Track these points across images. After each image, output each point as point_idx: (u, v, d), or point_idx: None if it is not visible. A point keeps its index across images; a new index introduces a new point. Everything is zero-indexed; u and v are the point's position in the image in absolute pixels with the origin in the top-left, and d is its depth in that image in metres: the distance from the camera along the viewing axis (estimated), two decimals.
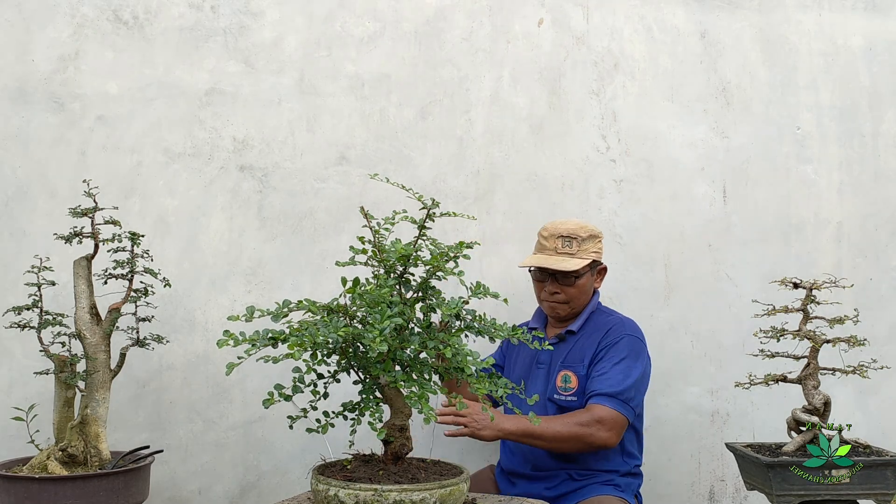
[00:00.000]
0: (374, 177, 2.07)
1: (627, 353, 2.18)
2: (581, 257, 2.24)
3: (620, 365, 2.15)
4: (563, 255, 2.23)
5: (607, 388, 2.11)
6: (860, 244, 2.82)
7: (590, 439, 2.07)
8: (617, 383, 2.11)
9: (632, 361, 2.17)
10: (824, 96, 2.85)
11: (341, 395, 1.81)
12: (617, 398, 2.10)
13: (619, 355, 2.17)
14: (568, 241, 2.24)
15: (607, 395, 2.10)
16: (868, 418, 2.73)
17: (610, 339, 2.21)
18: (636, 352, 2.20)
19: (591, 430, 2.06)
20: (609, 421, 2.07)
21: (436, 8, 2.75)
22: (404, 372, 1.63)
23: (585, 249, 2.26)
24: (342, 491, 1.51)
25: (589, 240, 2.26)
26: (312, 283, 2.62)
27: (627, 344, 2.20)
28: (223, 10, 2.66)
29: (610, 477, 2.20)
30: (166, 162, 2.60)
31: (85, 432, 2.04)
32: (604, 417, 2.07)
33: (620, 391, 2.10)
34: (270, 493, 2.54)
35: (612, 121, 2.79)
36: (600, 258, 2.32)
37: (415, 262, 1.66)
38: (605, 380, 2.13)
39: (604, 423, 2.07)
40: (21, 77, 2.55)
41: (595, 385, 2.14)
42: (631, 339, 2.21)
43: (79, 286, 2.07)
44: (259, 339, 1.46)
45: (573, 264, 2.21)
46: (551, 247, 2.26)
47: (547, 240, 2.28)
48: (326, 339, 1.46)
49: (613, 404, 2.09)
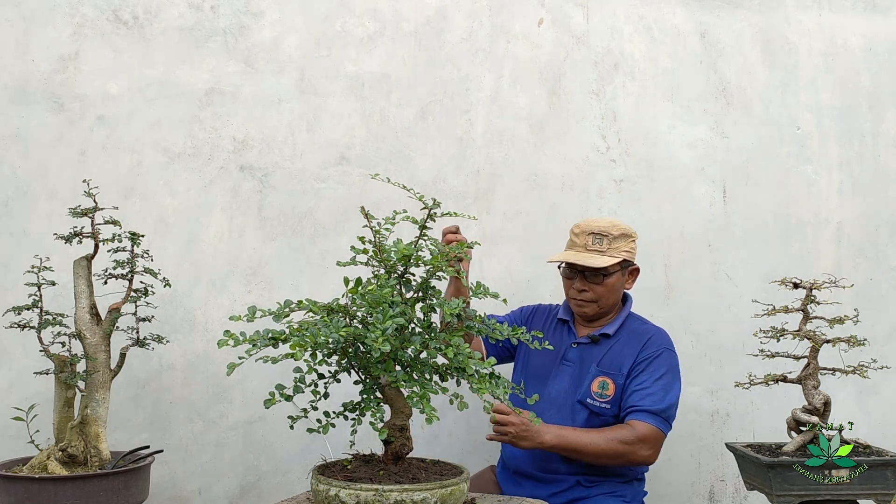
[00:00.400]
0: (376, 177, 2.07)
1: (667, 368, 2.16)
2: (611, 255, 2.18)
3: (661, 381, 2.13)
4: (593, 252, 2.18)
5: (650, 406, 2.09)
6: (860, 244, 2.82)
7: (632, 457, 2.06)
8: (659, 400, 2.10)
9: (672, 378, 2.16)
10: (824, 96, 2.85)
11: (342, 395, 1.81)
12: (660, 416, 2.08)
13: (659, 370, 2.15)
14: (598, 239, 2.19)
15: (651, 412, 2.08)
16: (868, 418, 2.73)
17: (650, 352, 2.18)
18: (675, 368, 2.19)
19: (634, 448, 2.05)
20: (652, 439, 2.07)
21: (436, 8, 2.75)
22: (405, 372, 1.63)
23: (616, 248, 2.20)
24: (343, 491, 1.51)
25: (620, 238, 2.21)
26: (312, 283, 2.62)
27: (667, 359, 2.18)
28: (223, 11, 2.66)
29: (615, 487, 2.18)
30: (166, 162, 2.60)
31: (85, 432, 2.04)
32: (648, 436, 2.06)
33: (663, 409, 2.09)
34: (270, 493, 2.54)
35: (612, 121, 2.79)
36: (633, 259, 2.26)
37: (416, 262, 1.66)
38: (648, 396, 2.10)
39: (647, 441, 2.06)
40: (21, 77, 2.55)
41: (637, 400, 2.11)
42: (670, 354, 2.20)
43: (79, 286, 2.07)
44: (259, 339, 1.46)
45: (602, 261, 2.16)
46: (581, 243, 2.21)
47: (578, 237, 2.23)
48: (327, 339, 1.46)
49: (656, 422, 2.07)
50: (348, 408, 1.67)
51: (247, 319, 1.54)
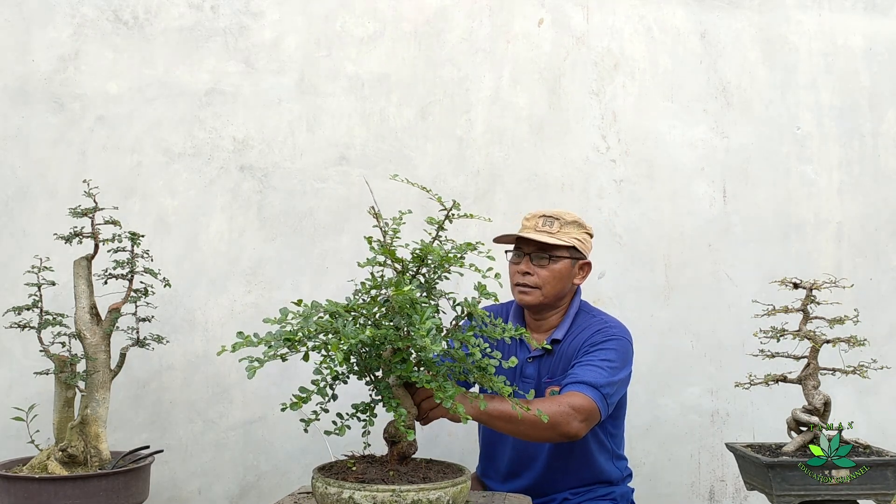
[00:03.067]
0: (395, 177, 2.03)
1: (617, 356, 2.03)
2: (560, 238, 2.08)
3: (608, 363, 2.00)
4: (543, 232, 2.08)
5: (591, 378, 1.94)
6: (860, 244, 2.81)
7: (563, 428, 1.85)
8: (601, 377, 1.95)
9: (620, 364, 2.03)
10: (824, 96, 2.85)
11: (349, 397, 1.80)
12: (598, 390, 1.93)
13: (608, 355, 2.02)
14: (549, 221, 2.10)
15: (589, 384, 1.92)
16: (868, 418, 2.73)
17: (599, 338, 2.06)
18: (625, 356, 2.06)
19: (567, 418, 1.84)
20: (586, 411, 1.88)
21: (436, 8, 2.75)
22: (428, 372, 1.63)
23: (567, 233, 2.10)
24: (357, 493, 1.49)
25: (573, 225, 2.11)
26: (312, 283, 2.62)
27: (618, 346, 2.06)
28: (223, 11, 2.66)
29: (608, 490, 2.16)
30: (166, 162, 2.60)
31: (85, 432, 2.04)
32: (582, 406, 1.87)
33: (603, 384, 1.94)
34: (270, 493, 2.54)
35: (612, 121, 2.79)
36: (585, 252, 2.15)
37: (441, 262, 1.64)
38: (590, 370, 1.96)
39: (580, 412, 1.87)
40: (21, 77, 2.55)
41: (577, 371, 1.97)
42: (622, 342, 2.08)
43: (79, 286, 2.07)
44: (273, 340, 1.44)
45: (549, 240, 2.06)
46: (531, 225, 2.11)
47: (528, 220, 2.13)
48: (358, 339, 1.45)
49: (593, 395, 1.91)
50: (359, 409, 1.66)
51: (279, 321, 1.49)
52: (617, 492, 2.19)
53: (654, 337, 2.71)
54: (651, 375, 2.70)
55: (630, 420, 2.40)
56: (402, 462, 1.70)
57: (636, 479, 2.37)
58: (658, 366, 2.71)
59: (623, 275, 2.74)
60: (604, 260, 2.72)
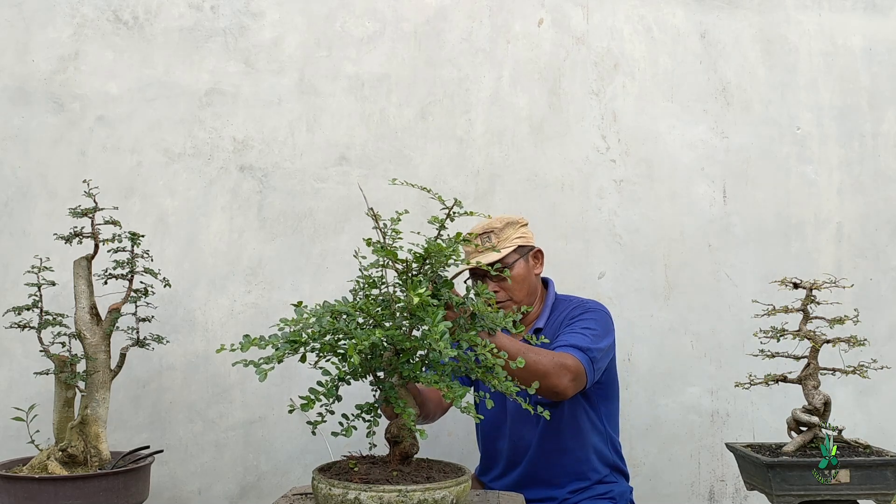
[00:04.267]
0: (394, 182, 2.04)
1: (597, 325, 2.12)
2: (504, 246, 2.16)
3: (590, 331, 2.08)
4: (486, 251, 2.13)
5: (577, 342, 2.03)
6: (860, 244, 2.81)
7: (555, 380, 1.93)
8: (586, 341, 2.04)
9: (602, 333, 2.11)
10: (824, 96, 2.85)
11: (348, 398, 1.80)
12: (585, 353, 2.01)
13: (588, 324, 2.11)
14: (486, 237, 2.18)
15: (576, 346, 2.02)
16: (868, 418, 2.73)
17: (578, 311, 2.16)
18: (606, 326, 2.14)
19: (560, 373, 1.93)
20: (573, 370, 1.96)
21: (436, 8, 2.75)
22: (434, 373, 1.63)
23: (506, 238, 2.18)
24: (364, 494, 1.48)
25: (507, 228, 2.19)
26: (312, 283, 2.62)
27: (597, 317, 2.14)
28: (223, 11, 2.66)
29: (607, 489, 2.17)
30: (166, 162, 2.60)
31: (85, 432, 2.04)
32: (571, 365, 1.96)
33: (589, 348, 2.03)
34: (270, 493, 2.54)
35: (612, 121, 2.79)
36: (529, 243, 2.22)
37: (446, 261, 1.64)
38: (575, 336, 2.06)
39: (570, 370, 1.96)
40: (21, 77, 2.55)
41: (564, 337, 2.06)
42: (601, 314, 2.16)
43: (79, 286, 2.07)
44: (280, 342, 1.44)
45: (494, 255, 2.12)
46: (472, 249, 2.16)
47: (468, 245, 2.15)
48: (370, 341, 1.45)
49: (581, 356, 2.00)
50: (364, 409, 1.66)
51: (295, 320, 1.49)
52: (616, 490, 2.19)
53: (654, 337, 2.72)
54: (651, 375, 2.70)
55: (630, 420, 2.41)
56: (404, 462, 1.70)
57: (636, 479, 2.37)
58: (658, 366, 2.71)
59: (623, 275, 2.74)
60: (604, 260, 2.72)
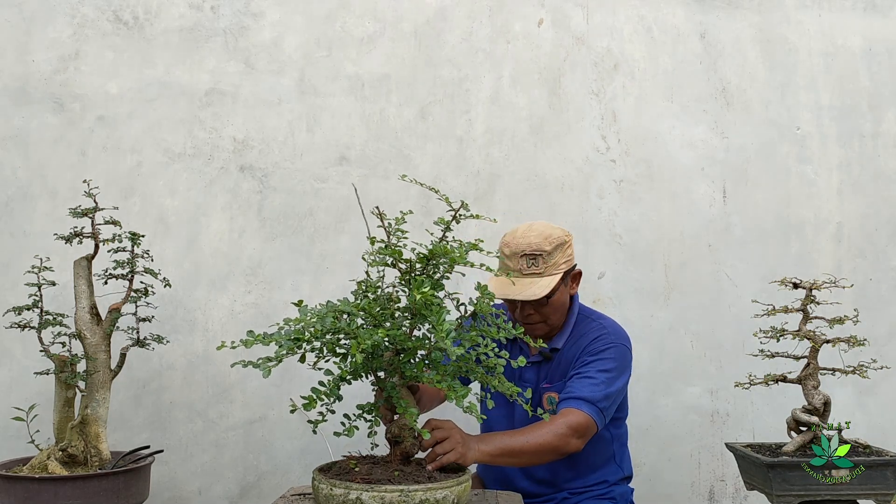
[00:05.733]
0: (404, 178, 2.03)
1: (615, 364, 2.05)
2: (551, 273, 2.01)
3: (607, 373, 2.02)
4: (530, 275, 2.01)
5: (588, 394, 1.97)
6: (860, 244, 2.82)
7: (564, 449, 1.92)
8: (599, 390, 1.98)
9: (618, 373, 2.05)
10: (824, 96, 2.85)
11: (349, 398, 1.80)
12: (596, 405, 1.97)
13: (606, 365, 2.04)
14: (533, 260, 2.00)
15: (587, 400, 1.96)
16: (868, 418, 2.73)
17: (598, 346, 2.07)
18: (624, 364, 2.08)
19: (567, 440, 1.91)
20: (583, 429, 1.94)
21: (436, 8, 2.75)
22: (438, 373, 1.63)
23: (554, 264, 2.02)
24: (365, 494, 1.48)
25: (556, 251, 2.03)
26: (312, 283, 2.62)
27: (616, 354, 2.07)
28: (223, 11, 2.66)
29: (604, 491, 2.16)
30: (166, 162, 2.60)
31: (85, 432, 2.04)
32: (580, 425, 1.93)
33: (599, 399, 1.98)
34: (270, 493, 2.54)
35: (612, 121, 2.79)
36: (572, 264, 2.10)
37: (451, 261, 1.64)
38: (589, 384, 1.99)
39: (578, 430, 1.93)
40: (21, 77, 2.55)
41: (576, 387, 2.00)
42: (621, 350, 2.09)
43: (79, 286, 2.08)
44: (283, 340, 1.44)
45: (542, 287, 1.99)
46: (515, 267, 2.02)
47: (510, 258, 2.03)
48: (373, 340, 1.45)
49: (591, 411, 1.96)
50: (365, 409, 1.66)
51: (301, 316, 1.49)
52: (616, 491, 2.19)
53: (654, 337, 2.72)
54: (651, 375, 2.70)
55: (630, 420, 2.39)
56: (405, 462, 1.70)
57: (636, 479, 2.37)
58: (658, 366, 2.71)
59: (623, 275, 2.74)
60: (604, 260, 2.72)
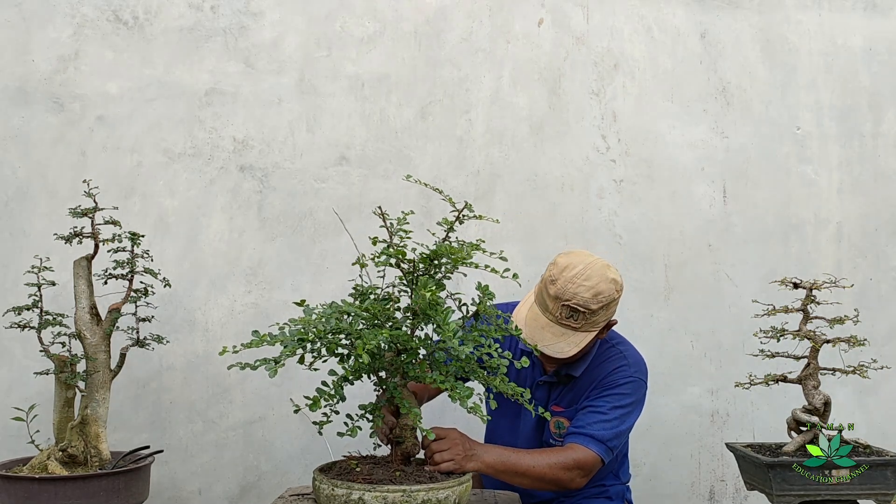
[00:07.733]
0: (408, 178, 2.02)
1: (631, 400, 2.02)
2: (587, 331, 1.92)
3: (620, 410, 2.00)
4: (565, 326, 1.91)
5: (598, 432, 1.95)
6: (860, 244, 2.81)
7: (567, 485, 1.92)
8: (610, 428, 1.96)
9: (632, 409, 2.03)
10: (824, 96, 2.85)
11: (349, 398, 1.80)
12: (605, 444, 1.95)
13: (620, 401, 2.01)
14: (573, 313, 1.89)
15: (597, 439, 1.94)
16: (868, 418, 2.73)
17: (617, 378, 2.03)
18: (638, 399, 2.06)
19: (571, 475, 1.90)
20: (589, 466, 1.93)
21: (436, 8, 2.75)
22: (441, 373, 1.63)
23: (594, 322, 1.92)
24: (368, 494, 1.48)
25: (601, 310, 1.91)
26: (312, 283, 2.62)
27: (633, 389, 2.04)
28: (223, 11, 2.66)
29: (602, 490, 2.16)
30: (166, 162, 2.60)
31: (85, 432, 2.04)
32: (586, 463, 1.92)
33: (610, 438, 1.96)
34: (270, 493, 2.54)
35: (612, 121, 2.79)
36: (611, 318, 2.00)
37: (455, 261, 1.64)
38: (601, 421, 1.97)
39: (584, 468, 1.92)
40: (21, 77, 2.55)
41: (587, 422, 1.97)
42: (638, 384, 2.06)
43: (79, 286, 2.07)
44: (288, 340, 1.44)
45: (572, 345, 1.91)
46: (553, 310, 1.90)
47: (551, 299, 1.91)
48: (378, 341, 1.45)
49: (600, 450, 1.94)
50: (368, 409, 1.66)
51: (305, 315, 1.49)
52: (612, 490, 2.19)
53: (654, 337, 2.71)
54: (651, 375, 2.66)
55: None
56: (406, 462, 1.70)
57: (636, 479, 2.37)
58: (658, 366, 2.71)
59: (623, 275, 2.70)
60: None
